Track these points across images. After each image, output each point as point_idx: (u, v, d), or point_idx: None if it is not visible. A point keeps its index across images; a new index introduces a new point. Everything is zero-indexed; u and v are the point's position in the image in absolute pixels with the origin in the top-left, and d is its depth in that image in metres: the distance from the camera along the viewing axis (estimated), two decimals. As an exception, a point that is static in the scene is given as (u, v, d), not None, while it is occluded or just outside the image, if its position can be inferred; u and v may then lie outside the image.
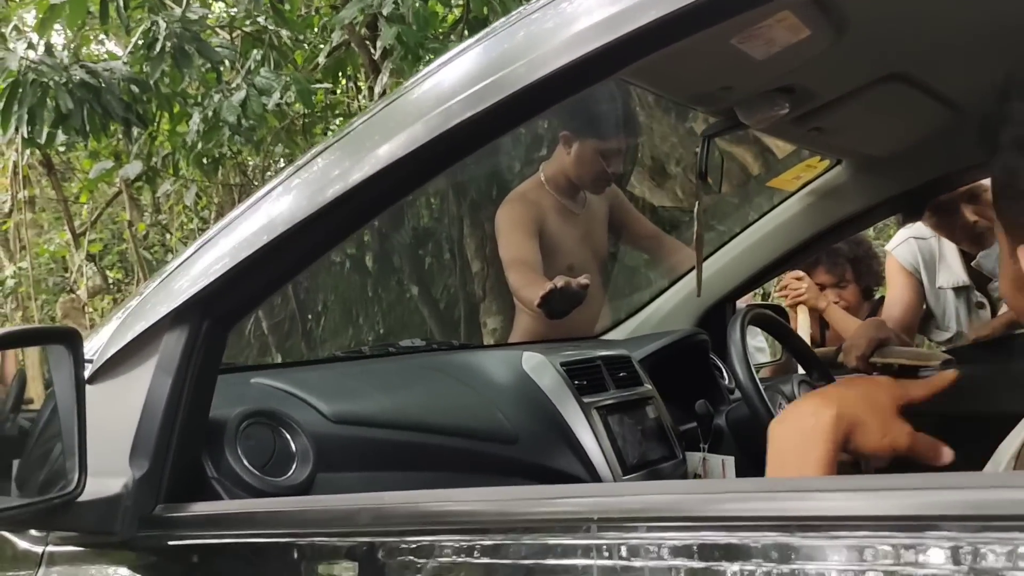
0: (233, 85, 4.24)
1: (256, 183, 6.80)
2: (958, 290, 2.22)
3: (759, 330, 2.28)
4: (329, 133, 6.78)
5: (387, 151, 0.95)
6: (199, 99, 4.43)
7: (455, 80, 0.96)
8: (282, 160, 6.53)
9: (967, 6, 1.22)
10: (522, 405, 1.49)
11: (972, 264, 2.18)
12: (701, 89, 1.30)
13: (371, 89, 4.97)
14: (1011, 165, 0.76)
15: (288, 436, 1.16)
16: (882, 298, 3.08)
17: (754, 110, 1.41)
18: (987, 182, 2.06)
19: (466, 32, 4.18)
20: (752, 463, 1.75)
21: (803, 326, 2.81)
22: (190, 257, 1.10)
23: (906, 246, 2.27)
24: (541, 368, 1.55)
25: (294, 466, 1.14)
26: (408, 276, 4.79)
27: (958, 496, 0.58)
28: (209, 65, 4.32)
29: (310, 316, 5.65)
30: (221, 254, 1.07)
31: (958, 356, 1.99)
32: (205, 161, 5.20)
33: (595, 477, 1.46)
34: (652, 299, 2.32)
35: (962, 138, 1.75)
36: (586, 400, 1.53)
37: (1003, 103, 0.76)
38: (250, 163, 6.70)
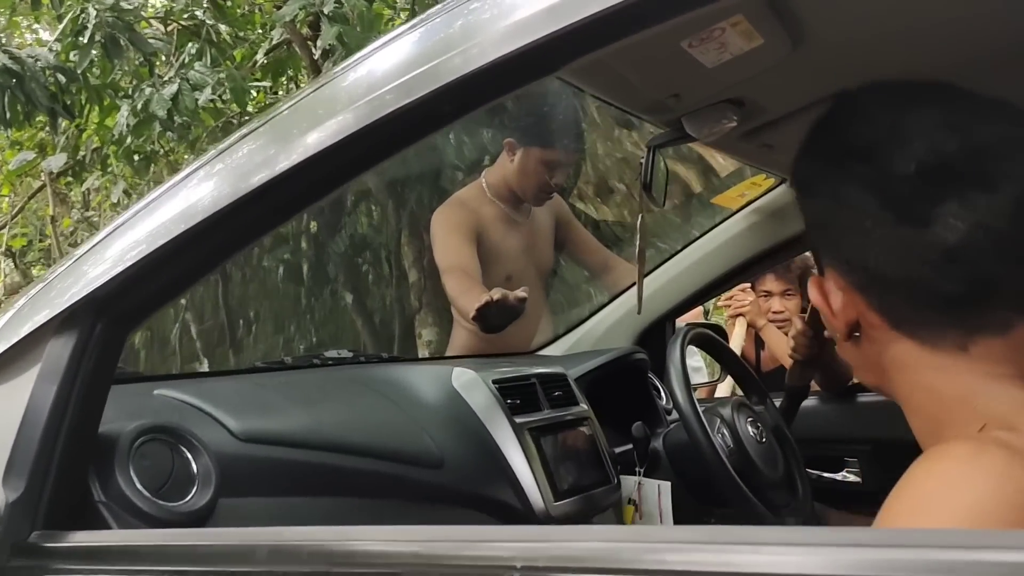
0: (166, 79, 4.08)
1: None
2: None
3: (696, 349, 2.23)
4: (255, 118, 6.61)
5: (315, 139, 0.88)
6: (130, 92, 4.26)
7: (387, 68, 0.88)
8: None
9: (927, 30, 1.19)
10: (450, 425, 1.40)
11: None
12: (649, 96, 1.23)
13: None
14: (802, 206, 0.87)
15: (189, 455, 1.05)
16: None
17: (702, 122, 1.36)
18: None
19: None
20: (689, 488, 1.69)
21: (737, 339, 2.79)
22: (87, 251, 0.99)
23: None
24: (472, 385, 1.46)
25: (194, 490, 1.03)
26: (343, 284, 4.66)
27: (933, 555, 0.51)
28: (142, 57, 4.16)
29: (241, 322, 5.47)
30: (124, 247, 0.97)
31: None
32: (136, 157, 5.01)
33: (525, 503, 1.38)
34: (591, 315, 2.26)
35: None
36: (519, 420, 1.44)
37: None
38: (184, 161, 6.51)
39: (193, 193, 0.96)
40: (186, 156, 6.26)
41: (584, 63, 0.83)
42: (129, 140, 4.23)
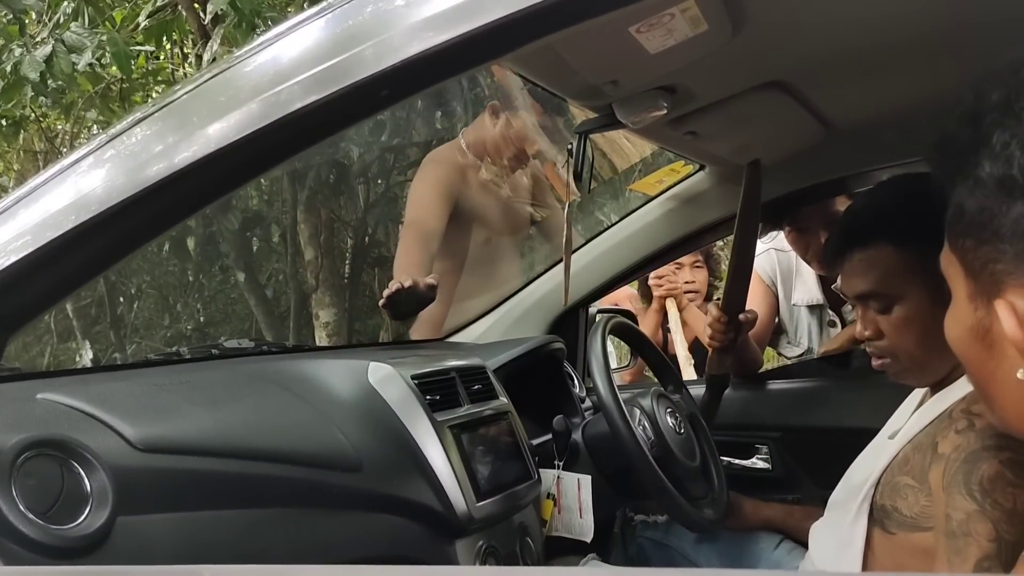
0: (38, 39, 3.77)
1: (64, 150, 6.19)
2: (812, 307, 2.23)
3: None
4: (149, 101, 6.28)
5: (219, 131, 0.81)
6: (-3, 52, 3.92)
7: (296, 56, 0.80)
8: (95, 127, 5.99)
9: (863, 27, 1.17)
10: (367, 424, 1.31)
11: (832, 287, 2.19)
12: (586, 82, 1.18)
13: (199, 57, 4.59)
14: (988, 206, 0.66)
15: (81, 471, 0.93)
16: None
17: (633, 108, 1.31)
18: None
19: (306, 4, 3.90)
20: (608, 480, 1.67)
21: (675, 321, 2.73)
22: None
23: (766, 257, 2.26)
24: (389, 381, 1.38)
25: (87, 510, 0.91)
26: (234, 261, 4.45)
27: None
28: (11, 15, 3.83)
29: (121, 299, 5.16)
30: (8, 239, 0.85)
31: (807, 371, 1.99)
32: (4, 122, 4.64)
33: (447, 506, 1.31)
34: (504, 300, 2.20)
35: (827, 154, 1.74)
36: (439, 418, 1.37)
37: (976, 130, 0.66)
38: (58, 128, 6.10)
39: (84, 181, 0.86)
40: (59, 122, 5.87)
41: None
42: (-2, 104, 3.91)
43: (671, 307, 2.71)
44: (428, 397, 1.39)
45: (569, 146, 1.37)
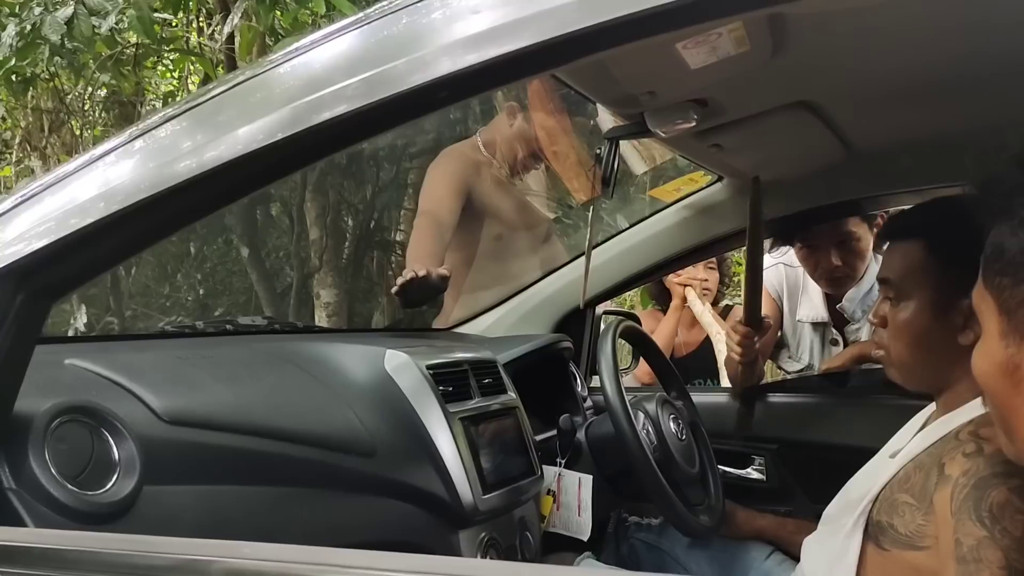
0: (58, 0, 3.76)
1: (73, 112, 6.17)
2: (816, 325, 2.26)
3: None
4: (160, 68, 6.25)
5: (248, 134, 0.82)
6: (16, 9, 3.91)
7: (329, 64, 0.82)
8: (104, 90, 5.96)
9: (896, 59, 1.20)
10: (382, 410, 1.34)
11: (837, 307, 2.22)
12: (624, 91, 1.20)
13: (216, 30, 4.58)
14: None
15: (111, 439, 0.96)
16: (729, 307, 3.11)
17: (665, 119, 1.33)
18: (857, 229, 2.11)
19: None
20: (608, 481, 1.69)
21: (701, 313, 2.69)
22: (5, 214, 0.88)
23: (774, 271, 2.28)
24: (405, 369, 1.40)
25: (115, 478, 0.94)
26: (239, 236, 4.45)
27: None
28: (31, -26, 3.81)
29: (120, 267, 5.15)
30: (46, 217, 0.87)
31: (807, 386, 2.02)
32: (14, 78, 4.61)
33: (454, 496, 1.34)
34: (511, 296, 2.22)
35: (846, 176, 1.76)
36: (451, 409, 1.39)
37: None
38: (67, 88, 6.06)
39: (113, 172, 0.88)
40: (69, 83, 5.84)
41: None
42: (12, 62, 3.89)
43: (692, 296, 2.68)
44: (441, 388, 1.41)
45: (598, 150, 1.39)
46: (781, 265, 2.25)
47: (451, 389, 1.43)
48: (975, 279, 0.77)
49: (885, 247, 1.33)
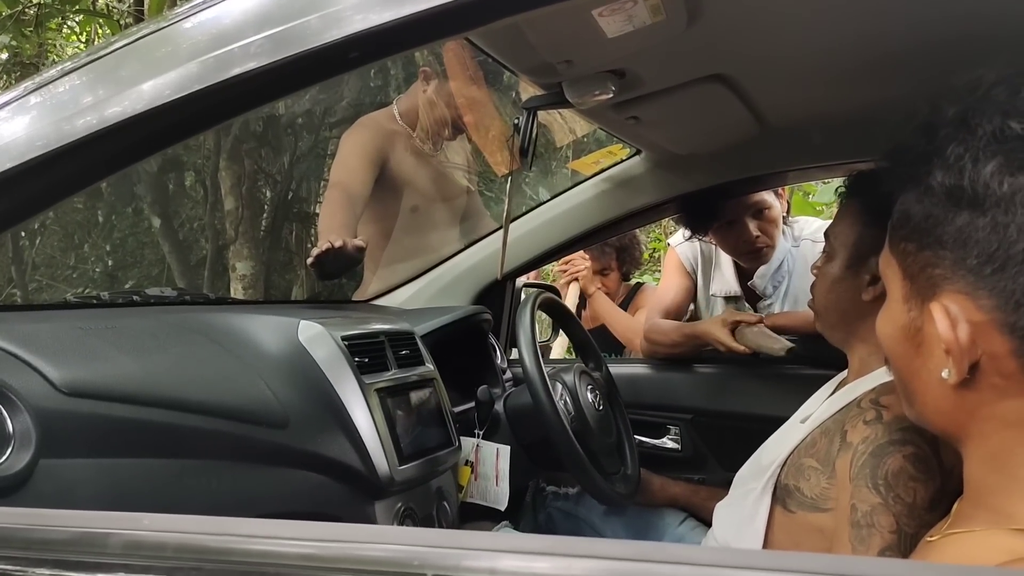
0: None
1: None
2: (728, 299, 2.30)
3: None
4: (64, 31, 5.98)
5: (153, 88, 0.79)
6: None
7: (239, 18, 0.79)
8: (5, 53, 5.67)
9: (809, 34, 1.22)
10: (295, 382, 1.31)
11: (748, 284, 2.26)
12: (540, 59, 1.19)
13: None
14: (934, 213, 0.70)
15: (4, 412, 0.91)
16: (639, 284, 3.18)
17: (582, 89, 1.33)
18: (768, 198, 2.15)
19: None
20: (526, 451, 1.70)
21: (570, 301, 2.87)
22: None
23: (688, 246, 2.31)
24: (319, 340, 1.37)
25: (9, 451, 0.90)
26: (149, 205, 4.30)
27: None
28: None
29: (23, 233, 4.93)
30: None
31: (722, 358, 2.06)
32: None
33: (369, 467, 1.32)
34: (431, 268, 2.20)
35: (759, 150, 1.79)
36: (366, 380, 1.37)
37: (930, 141, 0.70)
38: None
39: (6, 128, 0.83)
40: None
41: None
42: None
43: (572, 290, 2.87)
44: (357, 359, 1.39)
45: (515, 120, 1.38)
46: (696, 240, 2.28)
47: (367, 360, 1.41)
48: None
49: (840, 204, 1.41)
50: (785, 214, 2.25)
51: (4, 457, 0.89)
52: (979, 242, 0.66)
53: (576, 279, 2.85)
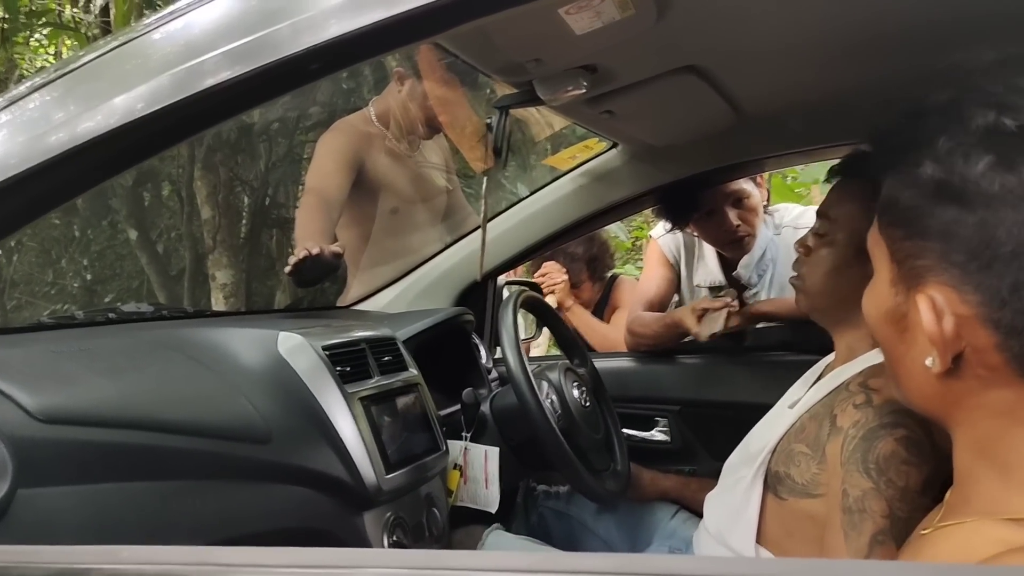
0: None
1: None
2: (713, 289, 2.29)
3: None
4: (32, 44, 5.91)
5: (125, 103, 0.78)
6: None
7: (209, 29, 0.78)
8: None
9: (779, 22, 1.21)
10: (277, 395, 1.29)
11: (732, 274, 2.25)
12: (509, 58, 1.17)
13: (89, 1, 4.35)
14: (921, 204, 0.69)
15: (-23, 443, 0.89)
16: (615, 277, 3.17)
17: (554, 86, 1.32)
18: (747, 186, 2.15)
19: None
20: (514, 452, 1.69)
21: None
22: None
23: (671, 237, 2.30)
24: (299, 351, 1.36)
25: (-16, 483, 0.88)
26: (125, 217, 4.26)
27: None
28: None
29: (-1, 252, 4.87)
30: None
31: (709, 347, 2.06)
32: None
33: (356, 477, 1.31)
34: (411, 270, 2.19)
35: (736, 138, 1.78)
36: (349, 390, 1.36)
37: (920, 129, 0.69)
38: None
39: None
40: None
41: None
42: None
43: (549, 302, 2.88)
44: (338, 368, 1.38)
45: (488, 120, 1.37)
46: (678, 231, 2.27)
47: (349, 369, 1.40)
48: None
49: (835, 182, 1.37)
50: (765, 203, 2.25)
51: (-21, 490, 0.87)
52: (966, 239, 0.65)
53: (553, 292, 2.82)
